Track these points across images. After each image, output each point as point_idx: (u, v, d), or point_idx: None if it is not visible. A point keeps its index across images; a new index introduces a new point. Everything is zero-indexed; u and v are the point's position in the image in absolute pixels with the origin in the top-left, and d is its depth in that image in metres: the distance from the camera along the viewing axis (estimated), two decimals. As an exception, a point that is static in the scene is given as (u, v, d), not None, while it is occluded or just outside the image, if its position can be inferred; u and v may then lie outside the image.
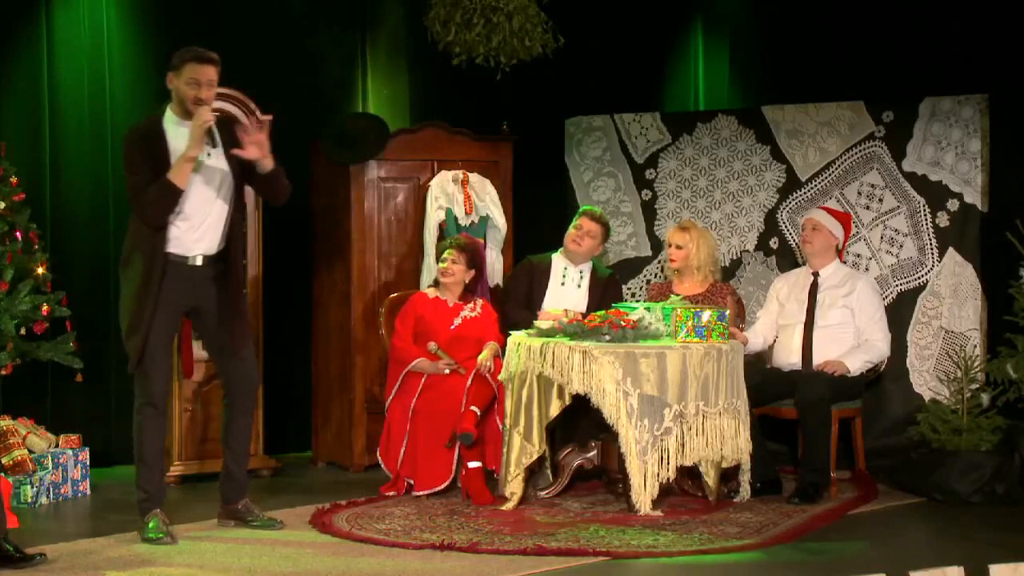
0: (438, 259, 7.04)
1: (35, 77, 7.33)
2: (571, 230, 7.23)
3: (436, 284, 7.09)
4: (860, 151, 7.62)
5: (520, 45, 7.55)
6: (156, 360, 5.70)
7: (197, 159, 5.65)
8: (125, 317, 5.73)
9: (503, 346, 6.75)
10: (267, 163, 5.78)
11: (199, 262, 5.73)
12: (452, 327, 6.93)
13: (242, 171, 5.83)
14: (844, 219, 7.13)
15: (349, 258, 7.51)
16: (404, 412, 6.77)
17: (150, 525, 5.71)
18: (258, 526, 5.96)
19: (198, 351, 7.04)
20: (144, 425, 5.74)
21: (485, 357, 6.80)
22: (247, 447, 6.09)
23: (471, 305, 7.03)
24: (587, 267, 7.29)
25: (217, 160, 5.77)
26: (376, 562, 5.33)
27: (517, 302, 7.20)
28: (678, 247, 7.16)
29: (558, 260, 7.28)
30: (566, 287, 7.22)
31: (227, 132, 5.81)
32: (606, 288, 7.27)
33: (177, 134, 5.70)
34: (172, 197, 5.60)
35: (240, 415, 5.97)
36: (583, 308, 7.10)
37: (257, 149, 5.73)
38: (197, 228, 5.72)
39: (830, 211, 7.14)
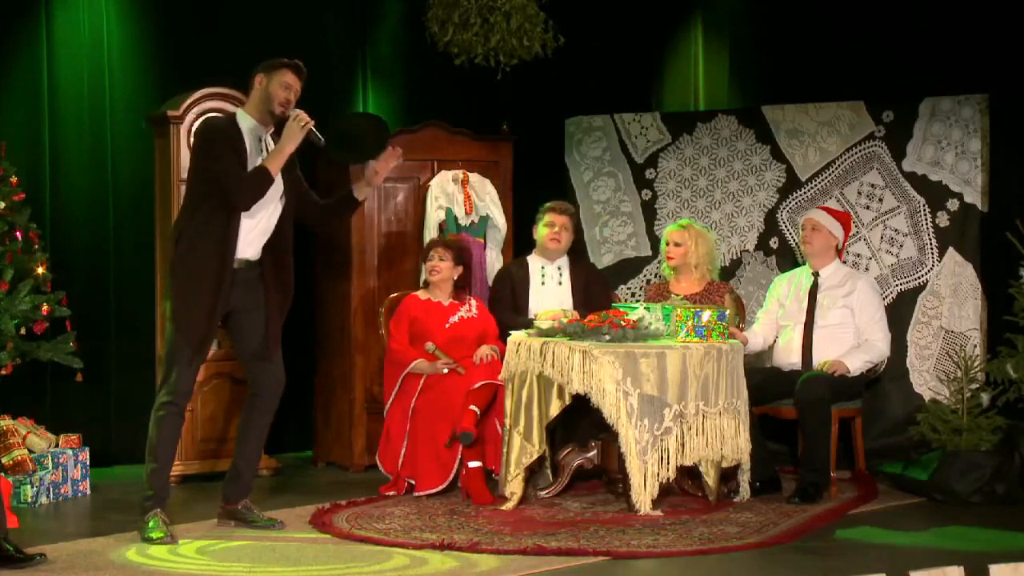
0: (424, 259, 7.03)
1: (35, 77, 7.33)
2: (544, 229, 7.21)
3: (426, 286, 7.07)
4: (860, 151, 7.63)
5: (519, 44, 7.55)
6: (191, 362, 5.71)
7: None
8: (187, 311, 5.67)
9: (502, 351, 6.75)
10: (367, 192, 6.13)
11: (240, 265, 5.75)
12: (447, 326, 6.92)
13: (295, 190, 5.91)
14: (844, 219, 7.13)
15: (349, 258, 7.51)
16: (404, 413, 6.77)
17: (150, 524, 5.70)
18: (258, 526, 5.96)
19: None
20: (163, 422, 5.73)
21: (484, 351, 6.79)
22: (260, 449, 6.10)
23: (466, 306, 7.03)
24: (564, 262, 7.29)
25: None
26: (376, 562, 5.34)
27: (505, 307, 7.19)
28: (676, 244, 7.15)
29: (534, 261, 7.28)
30: (547, 286, 7.22)
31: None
32: (588, 279, 7.27)
33: (251, 136, 5.77)
34: (266, 184, 5.67)
35: (261, 415, 5.98)
36: (570, 304, 7.11)
37: (380, 177, 6.10)
38: (249, 232, 5.75)
39: (829, 211, 7.13)
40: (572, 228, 7.28)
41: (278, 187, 5.81)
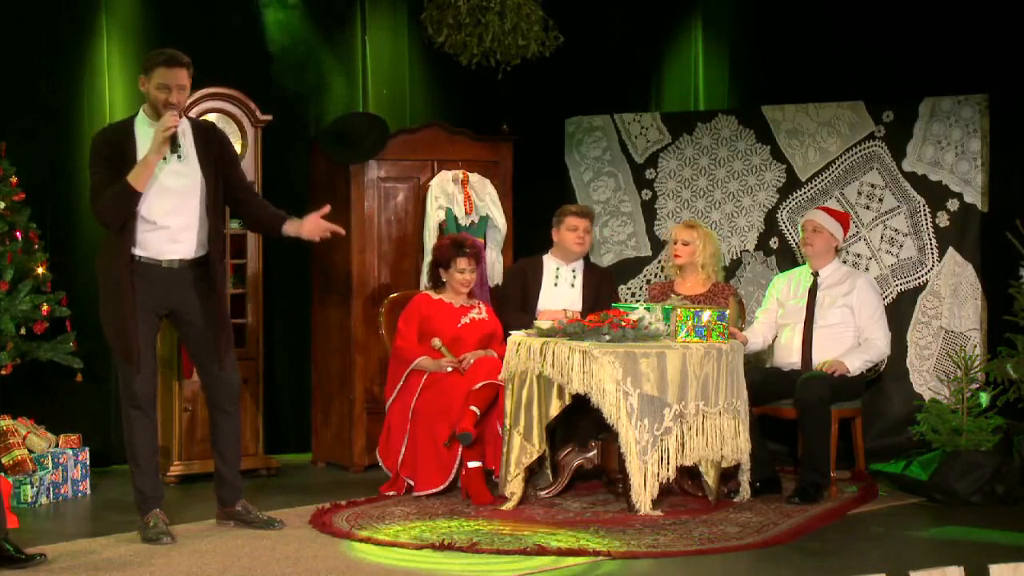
0: (447, 265, 6.98)
1: (35, 76, 7.32)
2: (567, 233, 7.19)
3: (435, 287, 7.06)
4: (860, 151, 7.63)
5: (514, 44, 7.55)
6: (135, 367, 5.67)
7: (161, 164, 5.62)
8: (108, 321, 5.70)
9: (502, 356, 6.75)
10: (292, 234, 5.98)
11: (175, 265, 5.71)
12: (459, 326, 6.93)
13: (225, 186, 5.83)
14: (843, 218, 7.12)
15: (349, 258, 7.50)
16: (404, 412, 6.77)
17: (150, 525, 5.71)
18: (258, 526, 5.96)
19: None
20: (133, 428, 5.74)
21: (473, 353, 6.79)
22: (237, 450, 6.05)
23: (476, 308, 7.04)
24: (579, 265, 7.29)
25: (188, 167, 5.73)
26: (376, 562, 5.33)
27: (513, 306, 7.20)
28: (684, 243, 7.16)
29: (549, 261, 7.28)
30: (559, 287, 7.23)
31: (203, 140, 5.80)
32: (600, 283, 7.27)
33: (147, 135, 5.66)
34: (129, 200, 5.57)
35: (227, 420, 5.94)
36: (579, 306, 7.11)
37: (315, 230, 5.97)
38: (171, 232, 5.68)
39: (828, 211, 7.12)
40: (591, 230, 7.30)
41: (187, 182, 5.70)
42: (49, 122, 7.36)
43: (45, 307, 6.79)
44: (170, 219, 5.68)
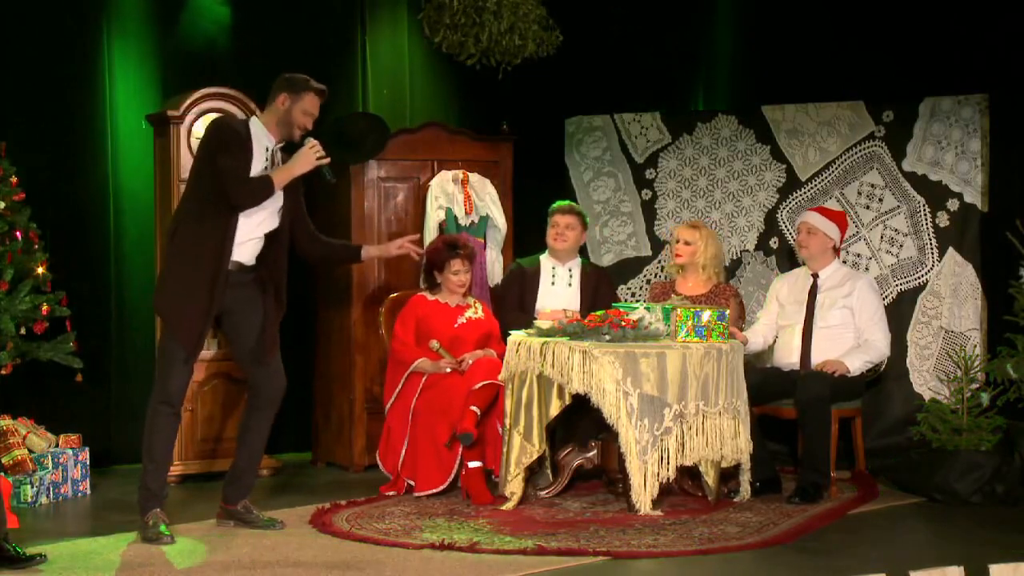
0: (441, 267, 6.97)
1: (36, 76, 7.32)
2: (550, 231, 7.23)
3: (430, 288, 7.05)
4: (860, 151, 7.63)
5: (512, 44, 7.55)
6: (186, 361, 5.72)
7: (267, 168, 5.80)
8: (182, 311, 5.69)
9: (501, 355, 6.75)
10: (374, 256, 6.71)
11: (233, 267, 5.77)
12: (455, 326, 6.92)
13: (293, 212, 5.97)
14: (838, 218, 7.09)
15: (349, 258, 7.50)
16: (404, 413, 6.77)
17: (150, 524, 5.71)
18: (258, 526, 5.96)
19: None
20: (158, 423, 5.74)
21: (477, 353, 6.79)
22: (261, 451, 6.08)
23: (472, 308, 7.04)
24: (575, 264, 7.29)
25: None
26: (376, 562, 5.34)
27: (511, 306, 7.19)
28: (686, 243, 7.17)
29: (546, 261, 7.29)
30: (557, 287, 7.23)
31: (286, 159, 5.95)
32: (598, 282, 7.27)
33: (260, 144, 5.79)
34: (267, 194, 5.74)
35: (261, 418, 5.98)
36: (577, 306, 7.11)
37: (396, 251, 6.54)
38: (246, 236, 5.77)
39: (823, 212, 7.10)
40: (579, 229, 7.27)
41: (277, 200, 5.84)
42: (49, 122, 7.36)
43: (45, 307, 6.79)
44: (247, 224, 5.76)
